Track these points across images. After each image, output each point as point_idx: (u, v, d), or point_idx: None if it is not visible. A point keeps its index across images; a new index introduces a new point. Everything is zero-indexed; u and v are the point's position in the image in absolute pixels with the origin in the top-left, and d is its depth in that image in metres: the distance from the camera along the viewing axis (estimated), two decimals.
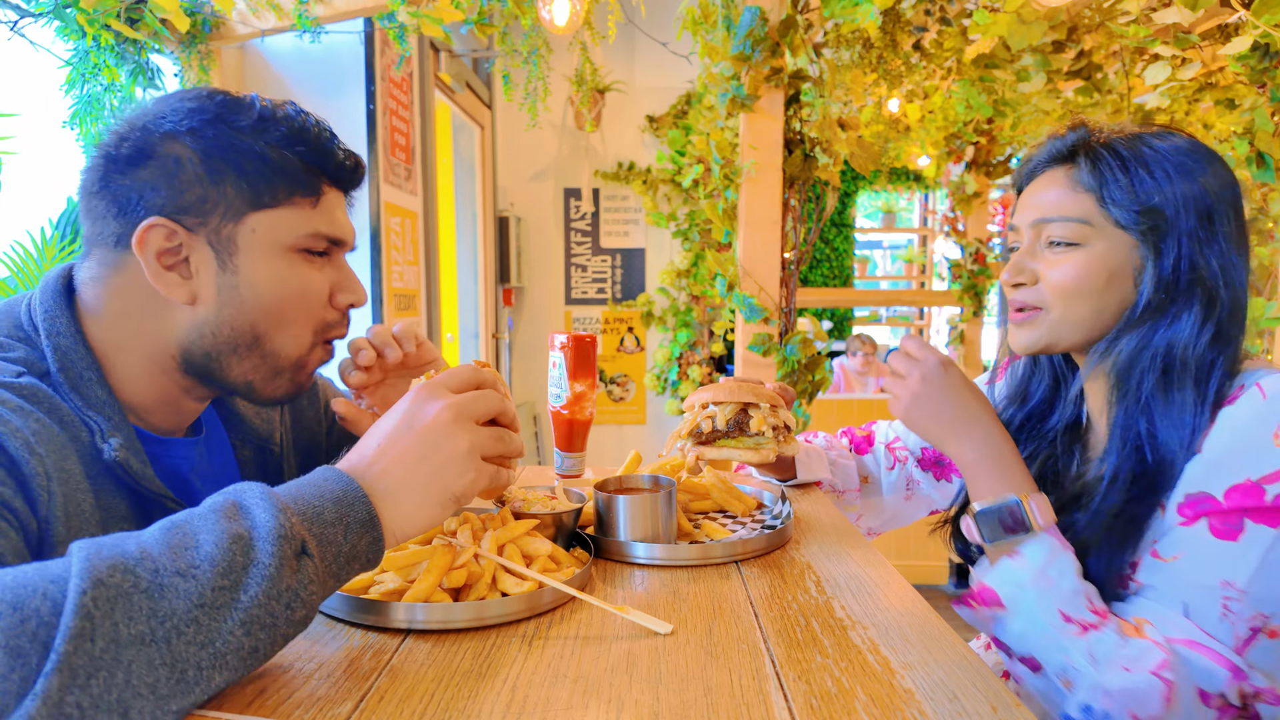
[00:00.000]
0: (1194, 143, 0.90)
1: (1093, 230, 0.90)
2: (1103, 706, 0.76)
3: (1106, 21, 2.48)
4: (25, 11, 1.85)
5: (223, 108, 0.80)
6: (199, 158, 0.78)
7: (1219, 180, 0.88)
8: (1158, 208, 0.87)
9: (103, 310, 0.81)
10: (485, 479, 0.72)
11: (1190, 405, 0.84)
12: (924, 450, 1.30)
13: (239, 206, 0.79)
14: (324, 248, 0.85)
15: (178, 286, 0.79)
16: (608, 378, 4.87)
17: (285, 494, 0.63)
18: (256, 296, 0.81)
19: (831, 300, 6.56)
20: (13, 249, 1.97)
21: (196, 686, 0.54)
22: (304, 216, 0.83)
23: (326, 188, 0.85)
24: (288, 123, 0.82)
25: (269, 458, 1.00)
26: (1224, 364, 0.85)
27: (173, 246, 0.78)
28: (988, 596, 0.84)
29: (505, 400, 0.76)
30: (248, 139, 0.79)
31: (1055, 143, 0.97)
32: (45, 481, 0.67)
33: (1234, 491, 0.78)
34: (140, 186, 0.77)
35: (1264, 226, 2.35)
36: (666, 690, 0.62)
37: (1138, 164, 0.89)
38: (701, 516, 1.10)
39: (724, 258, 2.47)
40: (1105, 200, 0.89)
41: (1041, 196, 0.95)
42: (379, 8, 2.23)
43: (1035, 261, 0.94)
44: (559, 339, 1.12)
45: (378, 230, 2.83)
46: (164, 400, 0.84)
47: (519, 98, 3.01)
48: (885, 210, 8.10)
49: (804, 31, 2.28)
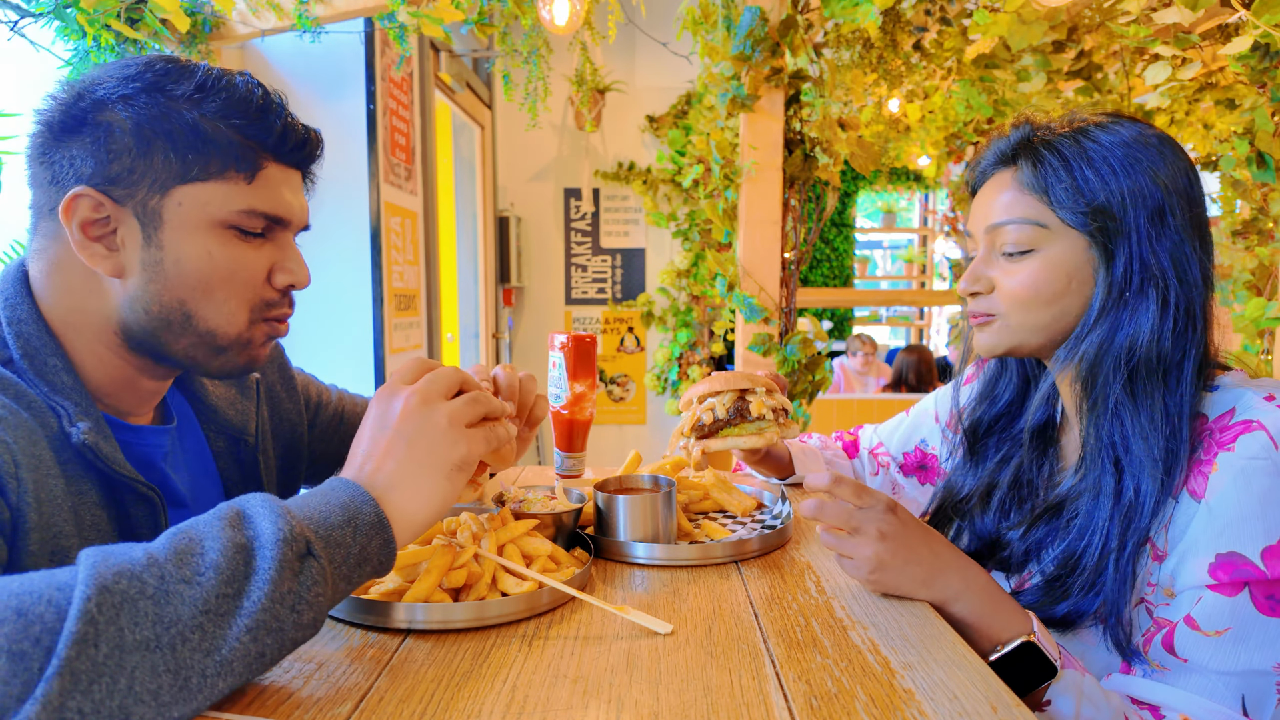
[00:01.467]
0: (1142, 131, 0.87)
1: (1046, 233, 0.87)
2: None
3: (1106, 21, 2.48)
4: (25, 11, 1.85)
5: (161, 75, 0.77)
6: (130, 126, 0.75)
7: (1170, 169, 0.85)
8: (1104, 207, 0.84)
9: (48, 287, 0.79)
10: (480, 442, 0.72)
11: (1160, 409, 0.82)
12: (905, 455, 1.29)
13: (166, 179, 0.76)
14: (260, 226, 0.81)
15: (103, 259, 0.77)
16: (608, 378, 4.87)
17: (292, 501, 0.63)
18: (181, 273, 0.78)
19: (831, 300, 6.56)
20: (13, 249, 1.97)
21: (200, 694, 0.54)
22: (236, 192, 0.78)
23: (267, 162, 0.81)
24: (229, 92, 0.78)
25: (244, 449, 0.99)
26: (1192, 363, 0.83)
27: (99, 218, 0.76)
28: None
29: (459, 372, 0.76)
30: (182, 108, 0.76)
31: (999, 143, 0.94)
32: (14, 469, 0.67)
33: (1272, 558, 0.73)
34: (72, 155, 0.75)
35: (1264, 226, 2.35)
36: (666, 690, 0.62)
37: (1081, 161, 0.86)
38: (701, 516, 1.11)
39: (724, 258, 2.47)
40: (1053, 201, 0.87)
41: (992, 201, 0.92)
42: (379, 8, 2.23)
43: (990, 269, 0.92)
44: (559, 339, 1.12)
45: (378, 230, 2.83)
46: (121, 381, 0.83)
47: (519, 98, 3.01)
48: (885, 210, 8.10)
49: (804, 31, 2.28)
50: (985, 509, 1.01)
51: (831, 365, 5.50)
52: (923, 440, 1.27)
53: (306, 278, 0.86)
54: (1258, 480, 0.75)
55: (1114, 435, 0.85)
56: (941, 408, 1.24)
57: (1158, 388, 0.83)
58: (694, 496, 1.12)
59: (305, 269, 0.86)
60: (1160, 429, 0.81)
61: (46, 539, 0.69)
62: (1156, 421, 0.82)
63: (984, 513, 1.01)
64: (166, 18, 2.03)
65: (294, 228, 0.86)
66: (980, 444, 1.07)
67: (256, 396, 1.02)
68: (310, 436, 1.13)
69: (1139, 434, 0.83)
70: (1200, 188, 0.87)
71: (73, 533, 0.72)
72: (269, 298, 0.84)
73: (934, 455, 1.26)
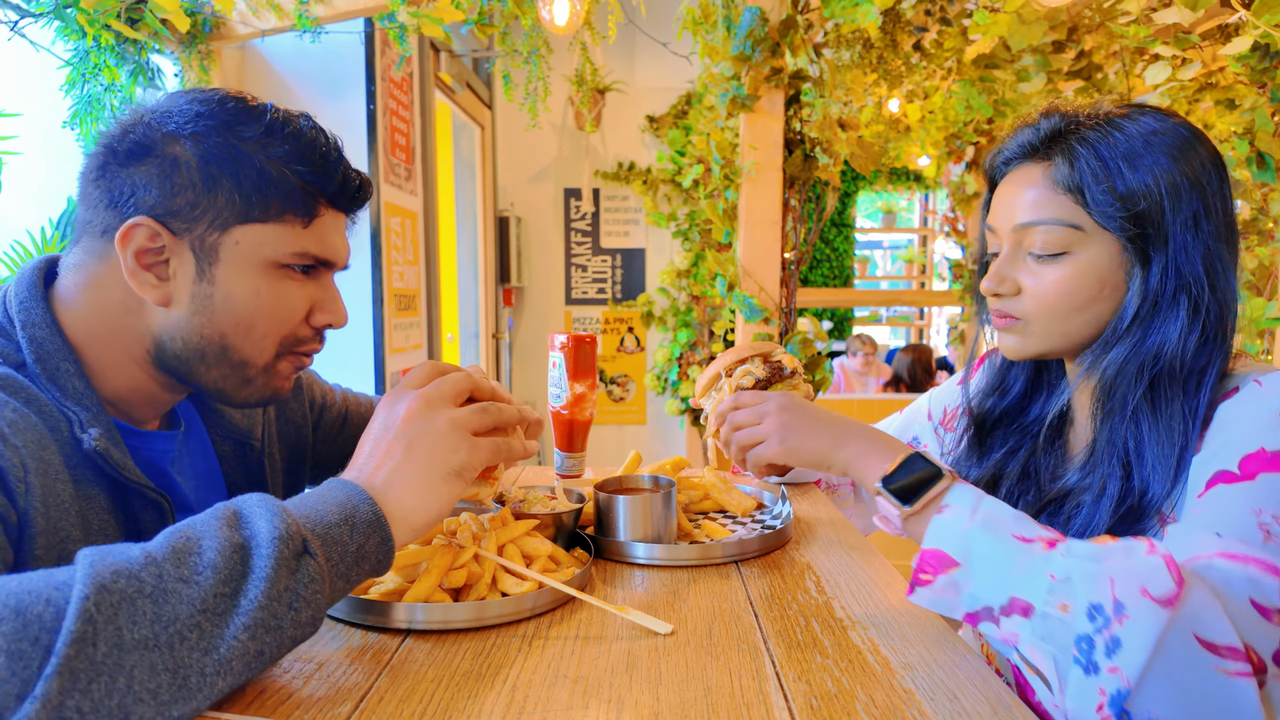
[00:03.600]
0: (1174, 124, 0.83)
1: (1080, 235, 0.84)
2: (1100, 598, 0.63)
3: (1106, 21, 2.48)
4: (25, 11, 1.85)
5: (231, 115, 0.79)
6: (197, 162, 0.77)
7: (1204, 167, 0.81)
8: (1142, 214, 0.81)
9: (79, 300, 0.80)
10: (484, 450, 0.73)
11: (1178, 417, 0.80)
12: None
13: (228, 217, 0.78)
14: (309, 265, 0.84)
15: (153, 287, 0.78)
16: (608, 378, 4.87)
17: (290, 501, 0.64)
18: (230, 308, 0.80)
19: (831, 300, 6.56)
20: (13, 249, 1.97)
21: (199, 693, 0.53)
22: (293, 235, 0.81)
23: (323, 209, 0.83)
24: (295, 139, 0.80)
25: (249, 453, 1.00)
26: (1215, 370, 0.81)
27: (155, 247, 0.78)
28: (935, 560, 0.74)
29: (472, 378, 0.76)
30: (250, 150, 0.78)
31: (1027, 132, 0.89)
32: (22, 474, 0.67)
33: (1249, 460, 0.72)
34: (135, 182, 0.77)
35: (1264, 226, 2.35)
36: (666, 690, 0.62)
37: (1119, 160, 0.82)
38: (701, 516, 1.10)
39: (724, 258, 2.47)
40: (1089, 203, 0.82)
41: (1018, 197, 0.87)
42: (379, 8, 2.23)
43: (1017, 270, 0.88)
44: (559, 339, 1.12)
45: (378, 230, 2.83)
46: (140, 393, 0.84)
47: (519, 98, 3.01)
48: (885, 210, 8.10)
49: (804, 31, 2.28)
50: None
51: (831, 365, 5.50)
52: (914, 438, 1.26)
53: (344, 318, 0.88)
54: (1246, 413, 0.75)
55: (1128, 440, 0.83)
56: (934, 406, 1.23)
57: (1178, 395, 0.81)
58: (694, 496, 1.12)
59: (344, 309, 0.88)
60: (1176, 437, 0.80)
61: (53, 543, 0.69)
62: (1174, 429, 0.80)
63: None
64: (166, 18, 2.03)
65: (336, 269, 0.88)
66: (988, 435, 1.04)
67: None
68: (315, 438, 1.14)
69: (1154, 440, 0.81)
70: (1229, 184, 0.84)
71: (80, 537, 0.72)
72: (302, 334, 0.86)
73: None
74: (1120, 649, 0.61)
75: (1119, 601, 0.62)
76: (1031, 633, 0.67)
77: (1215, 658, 0.61)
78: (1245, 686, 0.60)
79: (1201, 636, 0.61)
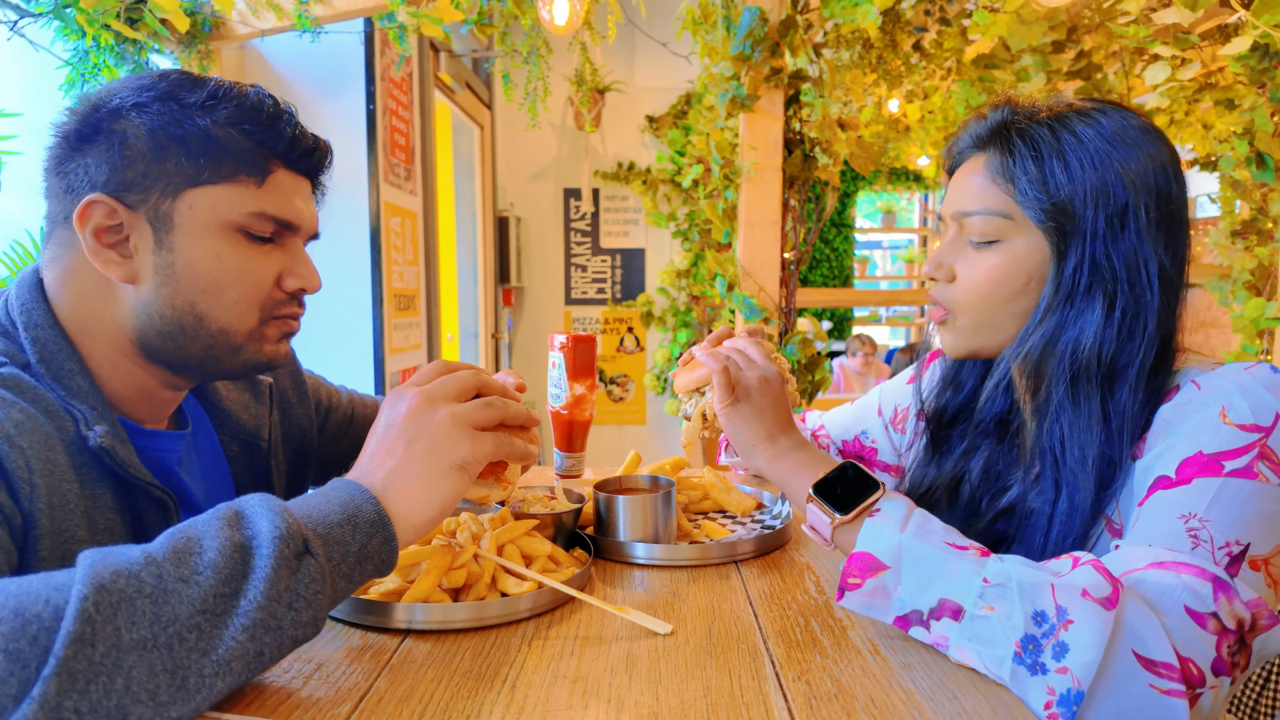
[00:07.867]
0: (1125, 121, 0.83)
1: (1011, 224, 0.84)
2: (1043, 605, 0.64)
3: (1106, 22, 2.48)
4: (25, 11, 1.85)
5: (174, 85, 0.79)
6: (144, 132, 0.77)
7: (1145, 165, 0.81)
8: (1063, 204, 0.81)
9: (62, 294, 0.80)
10: (487, 444, 0.72)
11: (1097, 415, 0.80)
12: (844, 443, 1.27)
13: (178, 182, 0.78)
14: (270, 231, 0.82)
15: (116, 265, 0.78)
16: (608, 378, 4.87)
17: (292, 501, 0.64)
18: (192, 275, 0.79)
19: (831, 300, 6.56)
20: (13, 249, 1.97)
21: (198, 694, 0.53)
22: (247, 195, 0.80)
23: (276, 168, 0.82)
24: (239, 100, 0.80)
25: (256, 453, 1.00)
26: (1136, 370, 0.80)
27: (113, 224, 0.77)
28: (864, 564, 0.73)
29: (480, 375, 0.76)
30: (194, 115, 0.78)
31: (976, 125, 0.91)
32: (27, 475, 0.67)
33: (1186, 465, 0.73)
34: (87, 164, 0.77)
35: (1264, 226, 2.35)
36: (666, 690, 0.62)
37: (1053, 154, 0.82)
38: (701, 516, 1.10)
39: (724, 258, 2.47)
40: (1017, 193, 0.83)
41: (963, 186, 0.89)
42: (379, 8, 2.23)
43: (956, 257, 0.89)
44: (559, 339, 1.12)
45: (378, 230, 2.83)
46: (137, 389, 0.84)
47: (519, 98, 3.01)
48: (885, 210, 8.10)
49: (804, 31, 2.28)
50: (953, 503, 0.98)
51: (831, 365, 5.50)
52: (863, 432, 1.24)
53: (317, 282, 0.87)
54: (1185, 417, 0.76)
55: (1054, 437, 0.83)
56: (885, 402, 1.22)
57: (1097, 392, 0.81)
58: (694, 496, 1.12)
59: (315, 274, 0.87)
60: (1096, 434, 0.80)
61: (58, 543, 0.69)
62: (1093, 427, 0.80)
63: (951, 507, 0.97)
64: (166, 18, 2.03)
65: (304, 234, 0.87)
66: (944, 433, 1.03)
67: (269, 400, 1.03)
68: (320, 439, 1.14)
69: (1075, 438, 0.81)
70: (1181, 183, 0.84)
71: (86, 537, 0.72)
72: (278, 298, 0.85)
73: (872, 449, 1.23)
74: (1069, 652, 0.61)
75: (1061, 607, 0.63)
76: (961, 634, 0.67)
77: (1151, 675, 0.61)
78: (1178, 706, 0.61)
79: (1139, 653, 0.62)
